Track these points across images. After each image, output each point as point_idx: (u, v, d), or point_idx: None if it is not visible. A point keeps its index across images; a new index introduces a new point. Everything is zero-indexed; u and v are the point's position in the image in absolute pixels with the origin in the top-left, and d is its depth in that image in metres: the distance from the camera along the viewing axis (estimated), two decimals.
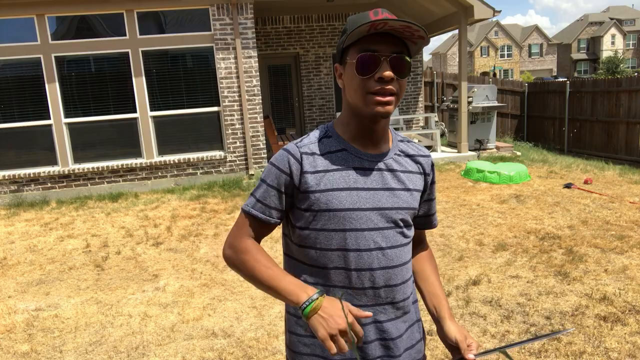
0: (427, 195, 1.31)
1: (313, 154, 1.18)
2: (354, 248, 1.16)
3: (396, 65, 1.09)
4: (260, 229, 1.21)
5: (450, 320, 1.24)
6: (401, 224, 1.20)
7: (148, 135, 7.68)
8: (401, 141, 1.28)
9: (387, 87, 1.09)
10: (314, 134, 1.22)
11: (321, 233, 1.16)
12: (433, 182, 1.31)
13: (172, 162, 7.73)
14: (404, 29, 1.05)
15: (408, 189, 1.22)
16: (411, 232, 1.25)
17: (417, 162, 1.26)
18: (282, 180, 1.16)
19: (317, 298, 1.03)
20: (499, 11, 8.31)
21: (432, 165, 1.31)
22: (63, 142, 7.48)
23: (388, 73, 1.07)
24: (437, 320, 1.26)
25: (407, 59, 1.11)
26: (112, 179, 7.65)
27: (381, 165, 1.20)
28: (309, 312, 1.02)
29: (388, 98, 1.10)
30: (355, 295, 1.17)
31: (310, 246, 1.18)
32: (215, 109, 7.83)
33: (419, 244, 1.40)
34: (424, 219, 1.35)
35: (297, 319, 1.23)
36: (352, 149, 1.19)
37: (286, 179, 1.16)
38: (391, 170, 1.20)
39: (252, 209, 1.18)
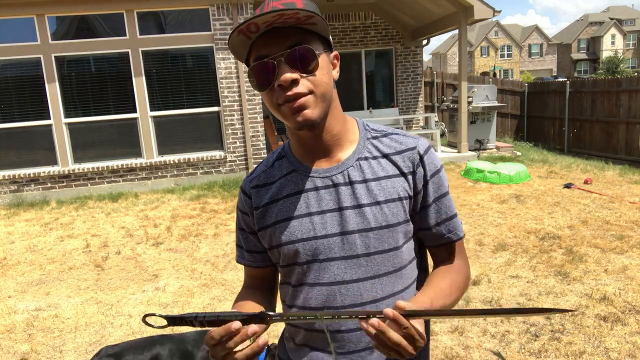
0: (422, 201, 1.00)
1: (264, 184, 1.05)
2: (314, 282, 0.99)
3: (296, 61, 0.88)
4: (254, 273, 1.12)
5: (419, 296, 0.91)
6: (373, 249, 0.97)
7: (148, 135, 7.68)
8: (374, 138, 1.02)
9: (291, 92, 0.89)
10: (271, 156, 1.10)
11: (284, 269, 1.05)
12: (426, 182, 1.00)
13: (172, 162, 7.72)
14: (283, 18, 0.85)
15: (377, 202, 0.97)
16: (400, 257, 1.00)
17: (391, 162, 1.00)
18: (245, 221, 1.08)
19: None
20: (499, 11, 8.31)
21: (422, 158, 1.00)
22: (63, 142, 7.47)
23: (285, 77, 0.88)
24: None
25: (308, 48, 0.89)
26: (112, 179, 7.64)
27: (338, 178, 0.98)
28: None
29: (301, 101, 0.89)
30: (323, 339, 0.99)
31: (283, 282, 1.08)
32: (215, 109, 7.83)
33: (441, 264, 1.07)
34: (426, 234, 1.03)
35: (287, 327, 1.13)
36: (301, 168, 1.01)
37: (247, 219, 1.07)
38: (351, 183, 0.98)
39: (237, 256, 1.13)
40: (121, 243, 5.17)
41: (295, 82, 0.89)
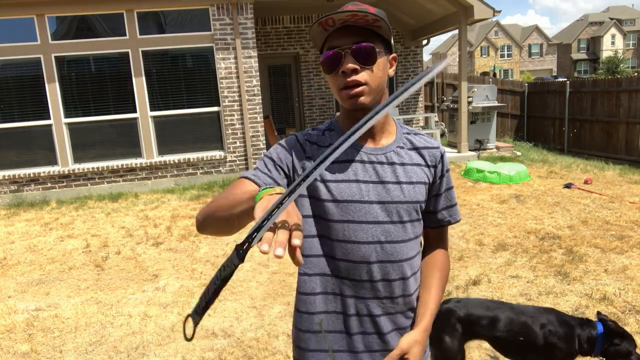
0: (436, 189, 1.26)
1: (316, 143, 1.20)
2: (352, 240, 1.16)
3: (359, 55, 1.08)
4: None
5: (416, 328, 1.16)
6: (404, 218, 1.18)
7: (148, 135, 7.68)
8: (407, 134, 1.25)
9: (350, 79, 1.09)
10: (321, 127, 1.25)
11: (323, 222, 1.18)
12: (442, 176, 1.25)
13: (172, 162, 7.72)
14: (355, 18, 1.05)
15: (411, 182, 1.19)
16: (418, 228, 1.22)
17: (421, 155, 1.23)
18: (284, 156, 1.17)
19: (266, 189, 0.90)
20: (499, 11, 8.31)
21: (442, 157, 1.25)
22: (63, 142, 7.47)
23: (348, 66, 1.08)
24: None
25: (371, 46, 1.09)
26: (112, 179, 7.64)
27: (382, 158, 1.18)
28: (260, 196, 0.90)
29: (356, 90, 1.09)
30: (353, 287, 1.17)
31: (321, 234, 1.20)
32: (215, 109, 7.83)
33: (430, 247, 1.32)
34: (431, 216, 1.28)
35: (308, 315, 1.22)
36: (352, 143, 1.16)
37: (289, 158, 1.18)
38: (392, 164, 1.18)
39: (249, 174, 1.13)
40: (121, 243, 5.16)
41: (355, 71, 1.09)
